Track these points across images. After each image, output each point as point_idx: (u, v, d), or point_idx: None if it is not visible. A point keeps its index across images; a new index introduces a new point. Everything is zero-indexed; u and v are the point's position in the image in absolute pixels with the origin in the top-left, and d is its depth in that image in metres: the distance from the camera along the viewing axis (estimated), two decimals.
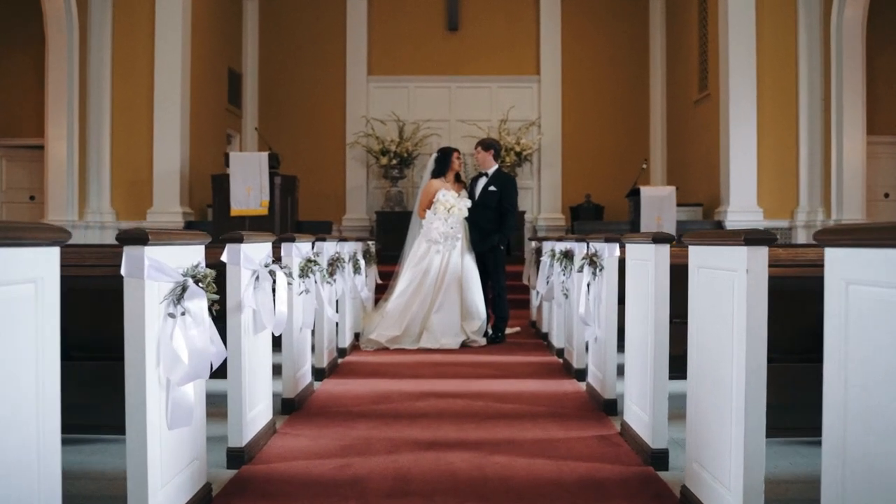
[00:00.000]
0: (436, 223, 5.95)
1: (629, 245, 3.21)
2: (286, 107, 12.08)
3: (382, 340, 5.83)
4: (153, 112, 9.43)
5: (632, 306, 3.20)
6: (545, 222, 11.89)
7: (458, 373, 4.86)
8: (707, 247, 2.33)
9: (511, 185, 6.20)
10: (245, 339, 2.88)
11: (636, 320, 3.12)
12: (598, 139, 12.13)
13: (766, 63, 9.31)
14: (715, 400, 2.25)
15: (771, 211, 9.42)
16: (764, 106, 9.36)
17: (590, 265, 3.81)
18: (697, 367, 2.42)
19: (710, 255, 2.29)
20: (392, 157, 11.47)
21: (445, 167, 6.21)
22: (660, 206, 9.18)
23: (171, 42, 9.40)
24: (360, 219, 11.94)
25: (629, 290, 3.24)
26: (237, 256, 2.78)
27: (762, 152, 9.37)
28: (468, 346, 5.93)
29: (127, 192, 9.55)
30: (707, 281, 2.33)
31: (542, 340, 6.29)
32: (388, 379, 4.65)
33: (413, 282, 5.98)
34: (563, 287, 4.80)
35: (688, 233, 2.50)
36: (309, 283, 3.91)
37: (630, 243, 3.17)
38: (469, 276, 6.01)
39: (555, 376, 4.74)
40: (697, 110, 10.73)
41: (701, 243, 2.37)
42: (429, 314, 5.91)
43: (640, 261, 3.02)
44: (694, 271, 2.43)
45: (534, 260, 6.42)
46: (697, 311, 2.41)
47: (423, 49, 12.09)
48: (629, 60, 12.17)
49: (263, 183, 8.71)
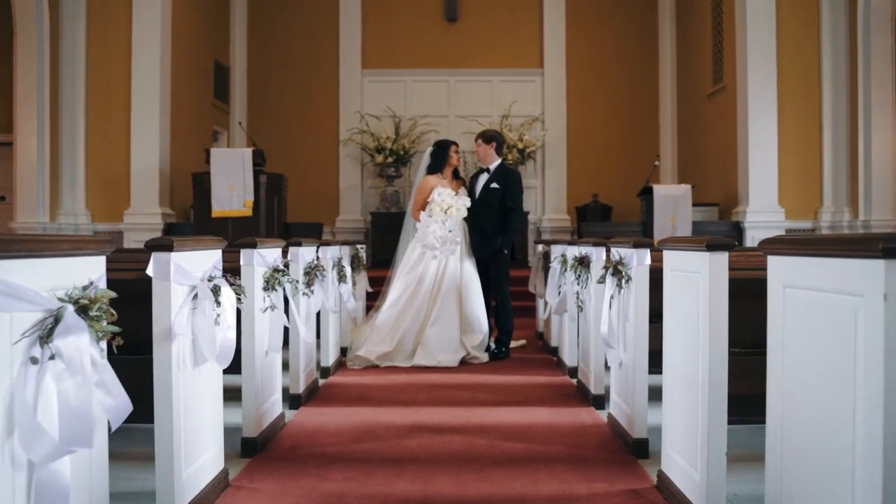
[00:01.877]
0: (431, 225, 5.29)
1: (669, 252, 2.56)
2: (276, 102, 11.46)
3: (371, 357, 5.18)
4: (130, 106, 8.81)
5: (674, 330, 2.54)
6: (550, 223, 11.24)
7: (457, 398, 4.21)
8: (809, 258, 1.66)
9: (515, 182, 5.54)
10: (179, 375, 2.23)
11: (680, 348, 2.47)
12: (604, 135, 11.51)
13: (786, 52, 8.67)
14: None
15: (793, 211, 8.78)
16: (785, 98, 8.71)
17: (613, 275, 3.15)
18: None
19: (814, 272, 1.63)
20: (388, 154, 10.85)
21: (442, 162, 5.55)
22: (674, 205, 8.54)
23: (150, 32, 8.77)
24: (354, 220, 11.31)
25: (669, 309, 2.59)
26: (165, 269, 2.13)
27: (783, 148, 8.72)
28: (468, 363, 5.27)
29: (102, 192, 8.92)
30: (810, 306, 1.66)
31: (551, 356, 5.64)
32: (374, 406, 4.00)
33: (406, 291, 5.32)
34: (578, 299, 4.15)
35: (767, 239, 1.85)
36: (277, 298, 3.25)
37: (671, 250, 2.52)
38: (469, 285, 5.35)
39: (569, 402, 4.09)
40: (712, 104, 10.08)
41: (794, 252, 1.70)
42: (424, 327, 5.26)
43: (687, 273, 2.37)
44: (777, 290, 1.77)
45: (541, 266, 5.77)
46: (787, 345, 1.75)
47: (420, 41, 11.46)
48: (637, 52, 11.53)
49: (247, 181, 8.08)
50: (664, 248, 2.54)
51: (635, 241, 2.97)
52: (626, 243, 3.13)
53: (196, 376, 2.39)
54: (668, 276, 2.54)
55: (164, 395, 2.17)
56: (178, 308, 2.18)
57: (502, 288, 5.50)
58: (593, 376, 3.96)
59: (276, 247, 3.36)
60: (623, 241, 3.18)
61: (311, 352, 4.27)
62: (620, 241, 3.26)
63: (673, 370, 2.55)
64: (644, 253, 2.98)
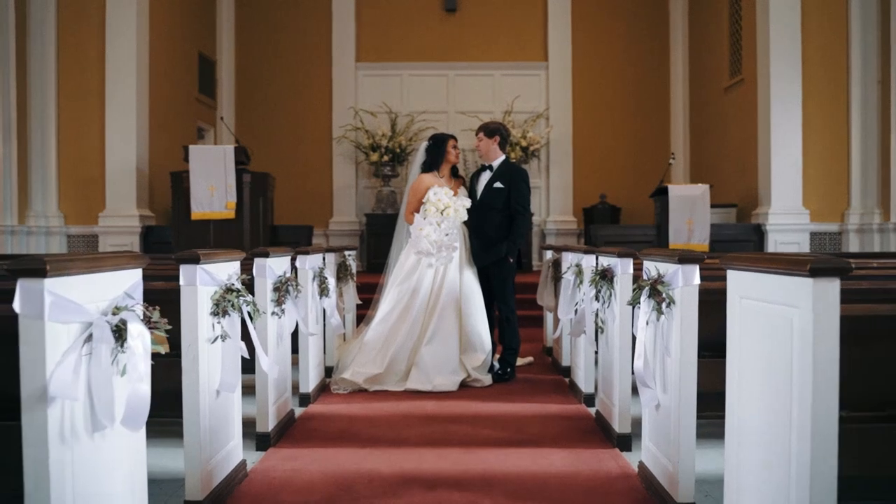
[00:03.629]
0: (425, 228, 4.64)
1: (739, 274, 1.91)
2: (265, 97, 10.84)
3: (359, 381, 4.53)
4: (105, 101, 8.18)
5: (745, 379, 1.90)
6: (555, 226, 10.60)
7: (456, 435, 3.57)
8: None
9: (522, 181, 4.89)
10: (65, 449, 1.59)
11: (757, 405, 1.83)
12: (612, 132, 10.88)
13: (812, 40, 8.03)
14: None
15: (818, 213, 8.15)
16: (810, 90, 8.08)
17: (651, 297, 2.51)
18: None
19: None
20: (383, 152, 10.22)
21: (439, 158, 4.91)
22: (691, 207, 7.91)
23: (125, 21, 8.15)
24: (348, 222, 10.69)
25: (737, 350, 1.94)
26: (37, 302, 1.49)
27: (808, 144, 8.09)
28: (469, 386, 4.63)
29: (76, 193, 8.29)
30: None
31: (562, 377, 4.99)
32: (357, 447, 3.36)
33: (399, 304, 4.67)
34: (598, 319, 3.51)
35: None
36: (231, 324, 2.62)
37: (743, 270, 1.87)
38: (470, 297, 4.71)
39: (589, 441, 3.45)
40: (729, 98, 9.44)
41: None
42: (418, 346, 4.61)
43: (772, 305, 1.73)
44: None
45: (550, 276, 5.12)
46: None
47: (417, 32, 10.84)
48: (647, 43, 10.90)
49: (229, 181, 7.45)
50: (731, 268, 1.90)
51: (681, 255, 2.33)
52: (666, 256, 2.49)
53: (98, 443, 1.75)
54: (736, 306, 1.91)
55: (38, 481, 1.53)
56: (59, 357, 1.54)
57: (507, 300, 4.85)
58: (617, 412, 3.32)
59: (231, 260, 2.72)
60: (662, 255, 2.54)
61: (283, 381, 3.63)
62: (656, 252, 2.62)
63: (743, 432, 1.91)
64: (692, 270, 2.34)
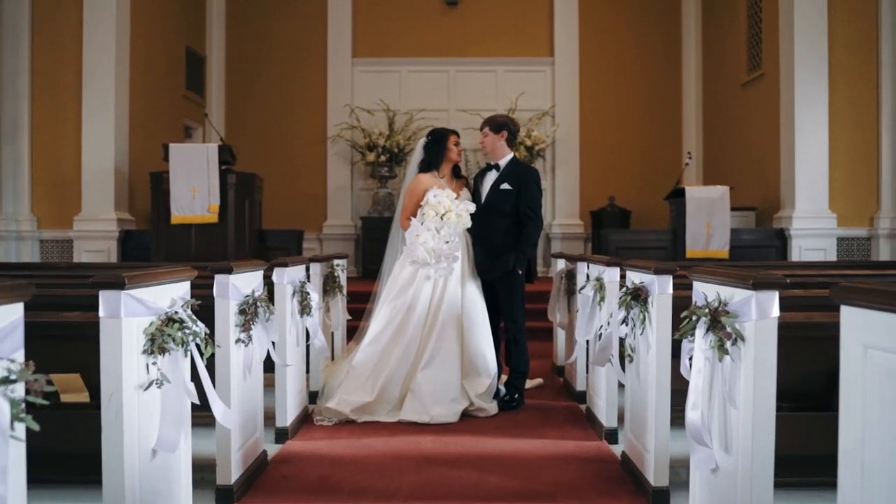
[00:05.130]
0: (424, 236, 4.08)
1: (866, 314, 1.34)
2: (257, 94, 10.30)
3: (346, 410, 3.96)
4: (82, 96, 7.63)
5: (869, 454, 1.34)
6: (560, 230, 10.04)
7: (457, 484, 3.00)
8: None
9: (532, 182, 4.32)
10: None
11: None
12: (621, 131, 10.33)
13: (839, 31, 7.47)
14: None
15: (846, 217, 7.58)
16: (837, 85, 7.52)
17: (710, 330, 1.95)
18: None
19: None
20: (380, 152, 9.68)
21: (439, 156, 4.35)
22: (710, 210, 7.34)
23: (105, 11, 7.60)
24: (343, 225, 10.14)
25: (861, 421, 1.38)
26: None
27: (835, 143, 7.53)
28: (472, 416, 4.07)
29: (50, 196, 7.75)
30: None
31: (575, 402, 4.42)
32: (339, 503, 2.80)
33: (392, 322, 4.11)
34: (627, 346, 2.94)
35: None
36: (172, 363, 2.05)
37: (876, 309, 1.31)
38: (473, 314, 4.15)
39: (616, 495, 2.87)
40: (747, 94, 8.88)
41: None
42: (414, 370, 4.05)
43: None
44: None
45: (563, 289, 4.55)
46: None
47: (417, 26, 10.30)
48: (658, 37, 10.35)
49: (212, 182, 6.89)
50: (849, 304, 1.33)
51: (756, 280, 1.76)
52: (733, 279, 1.92)
53: None
54: (857, 358, 1.34)
55: None
56: None
57: (515, 318, 4.28)
58: (653, 461, 2.75)
59: (175, 280, 2.15)
60: (723, 274, 1.97)
61: (252, 421, 3.06)
62: (719, 272, 2.05)
63: None
64: (770, 299, 1.78)
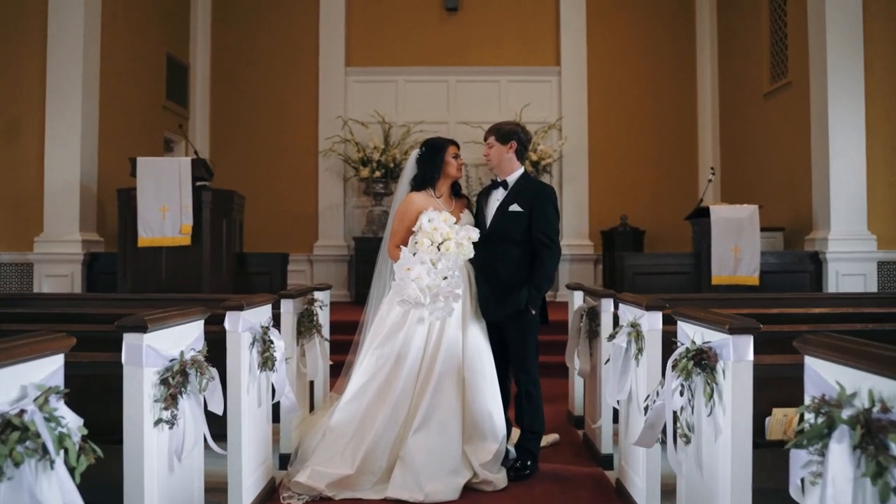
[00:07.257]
0: (416, 270, 3.33)
1: None
2: (244, 105, 9.64)
3: (320, 486, 3.18)
4: (45, 105, 6.94)
5: None
6: (569, 251, 9.30)
7: None
8: None
9: (548, 201, 3.54)
10: None
11: None
12: (633, 145, 9.66)
13: (876, 34, 6.79)
14: None
15: (887, 238, 6.87)
16: (874, 93, 6.84)
17: (861, 446, 1.21)
18: None
19: None
20: (375, 167, 8.99)
21: (435, 171, 3.61)
22: (738, 231, 6.62)
23: (72, 12, 6.92)
24: (335, 246, 9.43)
25: None
26: None
27: (873, 157, 6.85)
28: (476, 490, 3.30)
29: (7, 214, 7.05)
30: None
31: (600, 468, 3.66)
32: None
33: (377, 374, 3.35)
34: (683, 422, 2.20)
35: None
36: (21, 476, 1.31)
37: None
38: (477, 364, 3.39)
39: None
40: (770, 105, 8.19)
41: None
42: (405, 434, 3.28)
43: None
44: None
45: (584, 330, 3.81)
46: None
47: (414, 33, 9.66)
48: (671, 46, 9.71)
49: (185, 201, 6.19)
50: None
51: None
52: None
53: None
54: None
55: None
56: None
57: (528, 368, 3.51)
58: None
59: (29, 358, 1.40)
60: None
61: None
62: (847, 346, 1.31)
63: None
64: None
